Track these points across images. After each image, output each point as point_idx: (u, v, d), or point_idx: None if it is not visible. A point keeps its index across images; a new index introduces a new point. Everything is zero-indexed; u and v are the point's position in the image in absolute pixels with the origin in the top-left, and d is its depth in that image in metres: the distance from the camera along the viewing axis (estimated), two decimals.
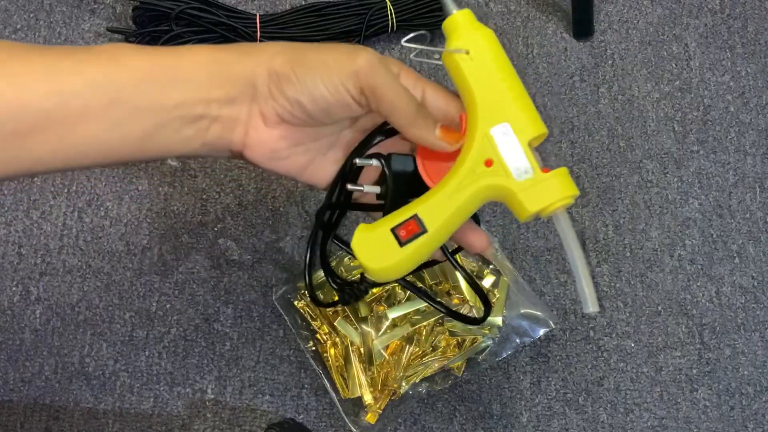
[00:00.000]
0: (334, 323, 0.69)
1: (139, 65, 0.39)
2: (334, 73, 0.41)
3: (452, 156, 0.44)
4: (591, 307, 0.43)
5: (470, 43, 0.44)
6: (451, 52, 0.43)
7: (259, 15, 0.78)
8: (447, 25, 0.45)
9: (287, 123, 0.43)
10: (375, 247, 0.44)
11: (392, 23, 0.78)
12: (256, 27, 0.77)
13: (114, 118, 0.39)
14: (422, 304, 0.70)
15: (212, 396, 0.70)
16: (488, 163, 0.42)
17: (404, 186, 0.45)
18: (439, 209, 0.43)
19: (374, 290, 0.71)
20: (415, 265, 0.44)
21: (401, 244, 0.43)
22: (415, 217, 0.43)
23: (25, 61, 0.38)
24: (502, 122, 0.43)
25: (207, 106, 0.41)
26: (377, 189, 0.46)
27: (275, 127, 0.43)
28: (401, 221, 0.43)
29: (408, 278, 0.47)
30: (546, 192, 0.42)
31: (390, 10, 0.78)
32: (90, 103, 0.38)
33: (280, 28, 0.78)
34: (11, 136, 0.37)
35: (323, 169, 0.47)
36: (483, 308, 0.53)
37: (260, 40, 0.77)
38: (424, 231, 0.43)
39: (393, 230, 0.43)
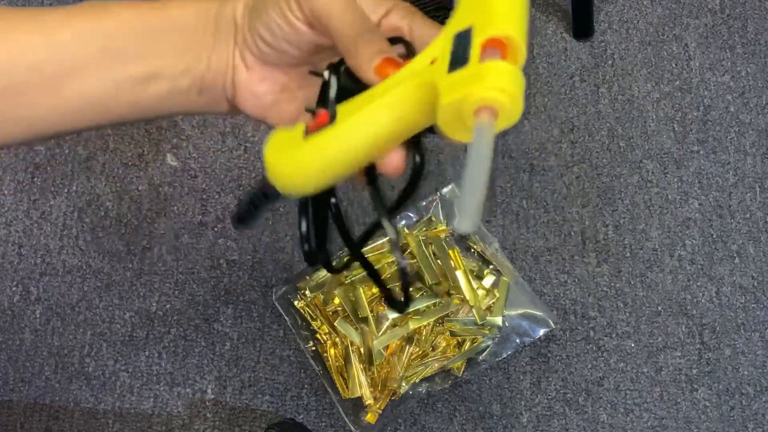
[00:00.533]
0: (334, 323, 0.69)
1: (128, 15, 0.39)
2: None
3: None
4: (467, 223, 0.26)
5: None
6: None
7: None
8: None
9: (263, 62, 0.40)
10: (282, 144, 0.36)
11: None
12: None
13: (106, 69, 0.38)
14: (422, 304, 0.70)
15: (212, 396, 0.70)
16: (433, 62, 0.33)
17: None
18: (359, 104, 0.34)
19: (374, 290, 0.71)
20: (319, 169, 0.35)
21: (305, 136, 0.35)
22: (331, 107, 0.35)
23: (10, 17, 0.38)
24: (468, 25, 0.32)
25: (198, 51, 0.39)
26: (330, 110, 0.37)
27: (254, 68, 0.40)
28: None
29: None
30: (469, 80, 0.29)
31: None
32: (80, 54, 0.37)
33: None
34: (4, 95, 0.37)
35: None
36: (483, 308, 0.52)
37: None
38: (332, 123, 0.34)
39: (307, 126, 0.35)
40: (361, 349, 0.69)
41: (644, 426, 0.73)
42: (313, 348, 0.71)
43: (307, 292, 0.71)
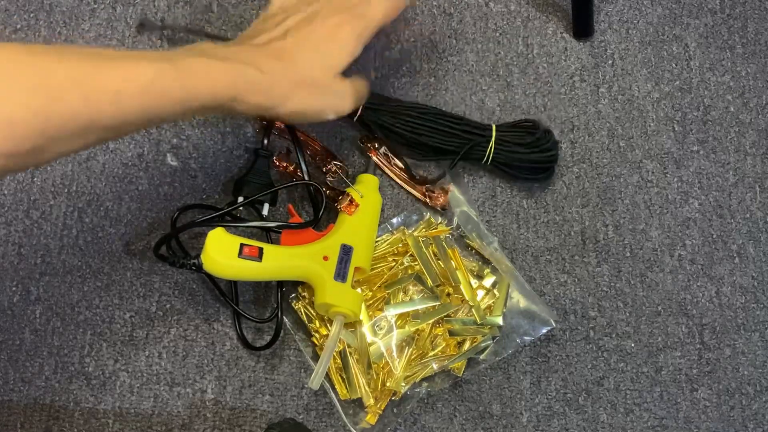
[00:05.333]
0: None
1: None
2: None
3: (310, 236, 0.66)
4: (314, 384, 0.63)
5: (368, 194, 0.69)
6: (356, 190, 0.69)
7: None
8: (363, 177, 0.71)
9: None
10: (222, 246, 0.61)
11: (488, 158, 0.74)
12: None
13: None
14: (421, 305, 0.70)
15: (212, 396, 0.70)
16: (325, 258, 0.64)
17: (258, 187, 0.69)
18: (277, 257, 0.63)
19: (374, 291, 0.71)
20: (240, 275, 0.63)
21: (240, 255, 0.61)
22: (260, 249, 0.62)
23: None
24: (351, 244, 0.65)
25: None
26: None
27: None
28: (252, 244, 0.61)
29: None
30: (342, 297, 0.64)
31: (492, 147, 0.74)
32: None
33: (389, 116, 0.74)
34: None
35: None
36: (483, 307, 0.53)
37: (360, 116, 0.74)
38: (259, 260, 0.61)
39: (242, 244, 0.61)
40: (360, 351, 0.69)
41: (644, 426, 0.73)
42: (313, 348, 0.71)
43: (306, 293, 0.71)
